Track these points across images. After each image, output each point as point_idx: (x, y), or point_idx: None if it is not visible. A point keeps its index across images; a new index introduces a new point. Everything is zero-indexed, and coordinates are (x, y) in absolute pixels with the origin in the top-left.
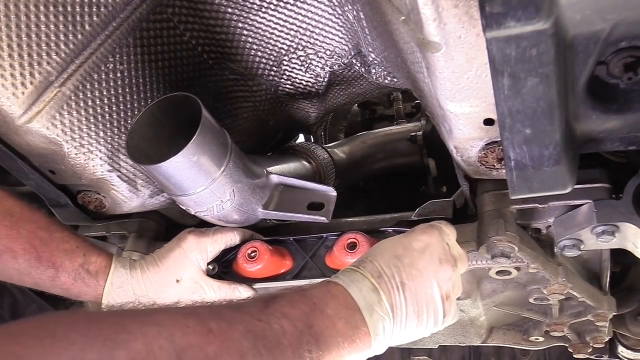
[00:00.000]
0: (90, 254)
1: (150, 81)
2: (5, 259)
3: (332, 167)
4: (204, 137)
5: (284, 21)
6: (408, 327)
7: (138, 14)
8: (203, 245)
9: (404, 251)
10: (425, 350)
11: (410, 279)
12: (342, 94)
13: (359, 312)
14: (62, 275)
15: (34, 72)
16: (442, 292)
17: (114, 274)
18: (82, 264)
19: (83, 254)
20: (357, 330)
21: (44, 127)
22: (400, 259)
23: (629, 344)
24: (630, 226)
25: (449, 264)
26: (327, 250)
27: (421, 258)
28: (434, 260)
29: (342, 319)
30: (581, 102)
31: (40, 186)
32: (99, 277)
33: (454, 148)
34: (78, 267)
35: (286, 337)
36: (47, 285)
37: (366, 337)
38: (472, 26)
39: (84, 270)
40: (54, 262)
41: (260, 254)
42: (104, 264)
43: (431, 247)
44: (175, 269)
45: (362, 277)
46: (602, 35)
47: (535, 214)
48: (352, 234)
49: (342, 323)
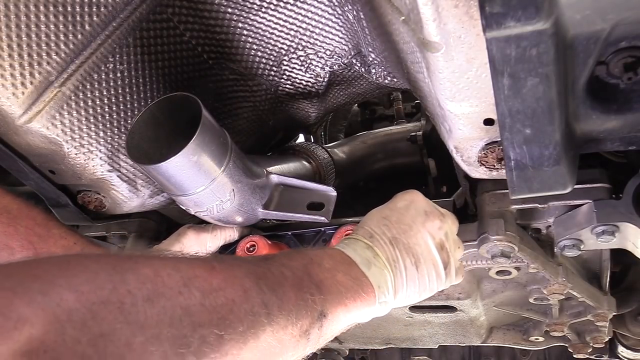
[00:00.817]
0: (88, 250)
1: (150, 81)
2: (3, 256)
3: (332, 167)
4: (204, 137)
5: (284, 21)
6: (409, 280)
7: (138, 14)
8: (202, 240)
9: (390, 212)
10: (425, 350)
11: (400, 233)
12: (342, 94)
13: (356, 266)
14: None
15: (34, 72)
16: (435, 241)
17: None
18: None
19: (81, 249)
20: (358, 281)
21: (44, 127)
22: (388, 219)
23: (629, 344)
24: (630, 226)
25: (434, 215)
26: (325, 244)
27: (407, 213)
28: (420, 213)
29: (340, 272)
30: (581, 102)
31: (40, 186)
32: None
33: (454, 148)
34: None
35: (287, 280)
36: None
37: (369, 289)
38: (472, 26)
39: None
40: None
41: (258, 248)
42: None
43: (415, 203)
44: None
45: (355, 240)
46: (602, 35)
47: (535, 214)
48: (350, 226)
49: (341, 275)
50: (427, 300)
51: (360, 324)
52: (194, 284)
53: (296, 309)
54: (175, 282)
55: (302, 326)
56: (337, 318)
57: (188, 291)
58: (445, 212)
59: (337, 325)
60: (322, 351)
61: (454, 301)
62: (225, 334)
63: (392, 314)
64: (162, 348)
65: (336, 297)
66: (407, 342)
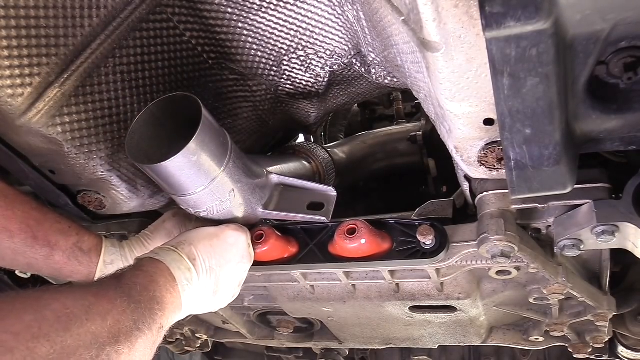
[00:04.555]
0: (82, 234)
1: (150, 81)
2: (2, 238)
3: (332, 167)
4: (203, 137)
5: (284, 21)
6: (205, 301)
7: (138, 14)
8: (184, 227)
9: (218, 242)
10: (425, 350)
11: (218, 266)
12: (342, 94)
13: (177, 286)
14: (56, 254)
15: (34, 72)
16: (240, 278)
17: (105, 253)
18: (75, 242)
19: (76, 233)
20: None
21: (44, 127)
22: (214, 248)
23: (629, 344)
24: (630, 226)
25: (248, 259)
26: (330, 239)
27: (230, 250)
28: (240, 254)
29: (168, 290)
30: (581, 102)
31: (40, 186)
32: (92, 255)
33: (454, 148)
34: (72, 245)
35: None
36: (40, 265)
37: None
38: (472, 26)
39: (78, 249)
40: (49, 241)
41: (266, 237)
42: (96, 242)
43: (239, 244)
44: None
45: (180, 258)
46: (602, 35)
47: (535, 214)
48: (352, 220)
49: (168, 293)
50: (428, 300)
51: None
52: (93, 310)
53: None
54: (81, 311)
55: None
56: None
57: (92, 317)
58: (252, 255)
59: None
60: (322, 351)
61: (454, 301)
62: (119, 348)
63: (392, 314)
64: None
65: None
66: (407, 342)
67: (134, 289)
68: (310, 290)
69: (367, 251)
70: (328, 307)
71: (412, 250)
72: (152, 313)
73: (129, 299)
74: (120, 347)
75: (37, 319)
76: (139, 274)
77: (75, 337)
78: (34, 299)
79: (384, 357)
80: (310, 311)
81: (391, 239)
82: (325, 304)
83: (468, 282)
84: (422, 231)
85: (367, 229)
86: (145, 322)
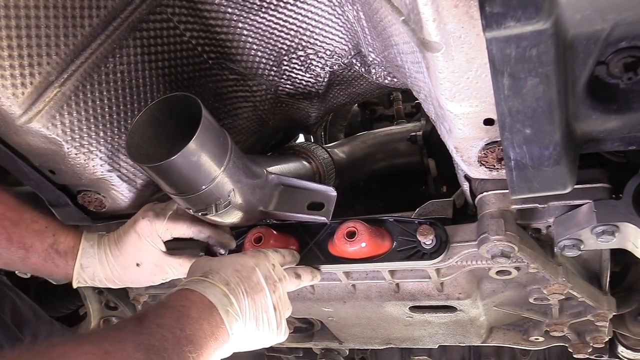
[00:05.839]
0: (59, 234)
1: (150, 81)
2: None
3: (332, 167)
4: (204, 137)
5: (284, 21)
6: (249, 329)
7: (138, 14)
8: (155, 230)
9: (241, 267)
10: (425, 350)
11: (250, 288)
12: (342, 94)
13: (217, 312)
14: (32, 256)
15: (34, 72)
16: (274, 301)
17: (82, 256)
18: (51, 244)
19: (52, 234)
20: (218, 328)
21: (44, 127)
22: (240, 272)
23: (629, 344)
24: (630, 226)
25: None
26: (330, 238)
27: (255, 273)
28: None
29: (205, 320)
30: (581, 102)
31: (40, 186)
32: (68, 258)
33: (454, 148)
34: (48, 247)
35: (169, 343)
36: (18, 265)
37: (225, 335)
38: (472, 26)
39: (54, 251)
40: (24, 243)
41: (265, 239)
42: (72, 243)
43: (260, 266)
44: (133, 253)
45: (212, 285)
46: (602, 35)
47: (535, 214)
48: (351, 222)
49: (206, 323)
50: (428, 300)
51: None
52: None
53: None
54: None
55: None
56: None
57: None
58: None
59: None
60: (322, 351)
61: (454, 301)
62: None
63: (392, 314)
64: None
65: (205, 348)
66: (407, 342)
67: (156, 335)
68: (310, 290)
69: (368, 253)
70: (328, 307)
71: (412, 251)
72: (181, 358)
73: (146, 353)
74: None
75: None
76: (165, 312)
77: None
78: (42, 356)
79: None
80: (310, 311)
81: (391, 238)
82: (325, 304)
83: (468, 282)
84: (422, 231)
85: (367, 232)
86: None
